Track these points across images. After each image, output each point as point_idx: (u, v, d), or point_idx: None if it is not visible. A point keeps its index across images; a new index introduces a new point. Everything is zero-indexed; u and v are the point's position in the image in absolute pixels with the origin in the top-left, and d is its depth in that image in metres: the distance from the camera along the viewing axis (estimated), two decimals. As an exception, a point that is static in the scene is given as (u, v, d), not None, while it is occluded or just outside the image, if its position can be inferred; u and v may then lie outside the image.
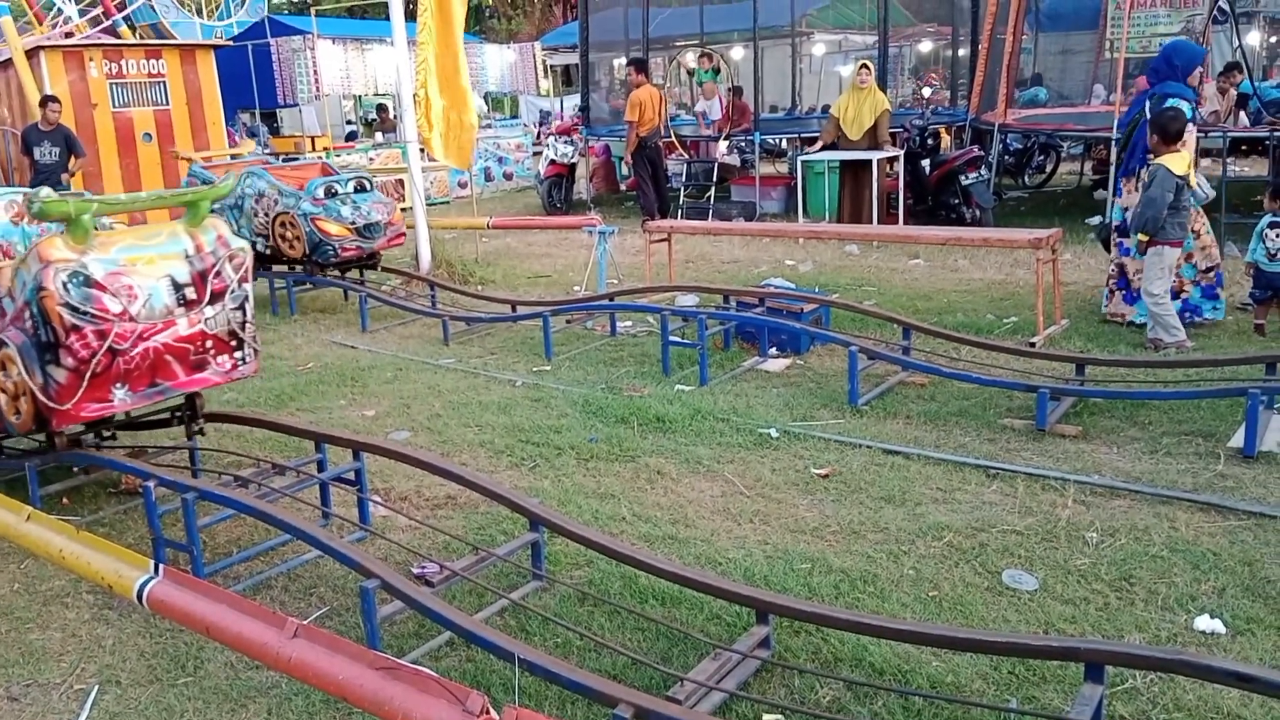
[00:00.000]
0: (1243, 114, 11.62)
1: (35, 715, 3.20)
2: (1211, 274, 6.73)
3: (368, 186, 8.58)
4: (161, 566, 2.97)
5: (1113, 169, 7.72)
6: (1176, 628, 3.31)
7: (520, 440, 5.32)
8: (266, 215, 8.51)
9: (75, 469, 4.78)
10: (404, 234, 8.90)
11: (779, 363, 6.54)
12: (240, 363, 4.37)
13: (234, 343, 4.32)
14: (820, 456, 4.93)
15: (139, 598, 2.93)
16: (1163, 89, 6.55)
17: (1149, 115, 6.49)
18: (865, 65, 11.07)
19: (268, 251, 8.74)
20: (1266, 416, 4.79)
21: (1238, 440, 4.67)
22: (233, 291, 4.23)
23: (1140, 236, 6.22)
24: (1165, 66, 6.66)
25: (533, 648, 3.04)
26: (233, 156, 13.46)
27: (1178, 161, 6.16)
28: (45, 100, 11.25)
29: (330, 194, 8.29)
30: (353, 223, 8.25)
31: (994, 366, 5.82)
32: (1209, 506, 4.14)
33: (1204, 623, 3.30)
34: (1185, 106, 6.43)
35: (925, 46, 19.80)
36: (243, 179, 8.51)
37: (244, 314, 4.32)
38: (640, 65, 12.78)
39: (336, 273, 8.93)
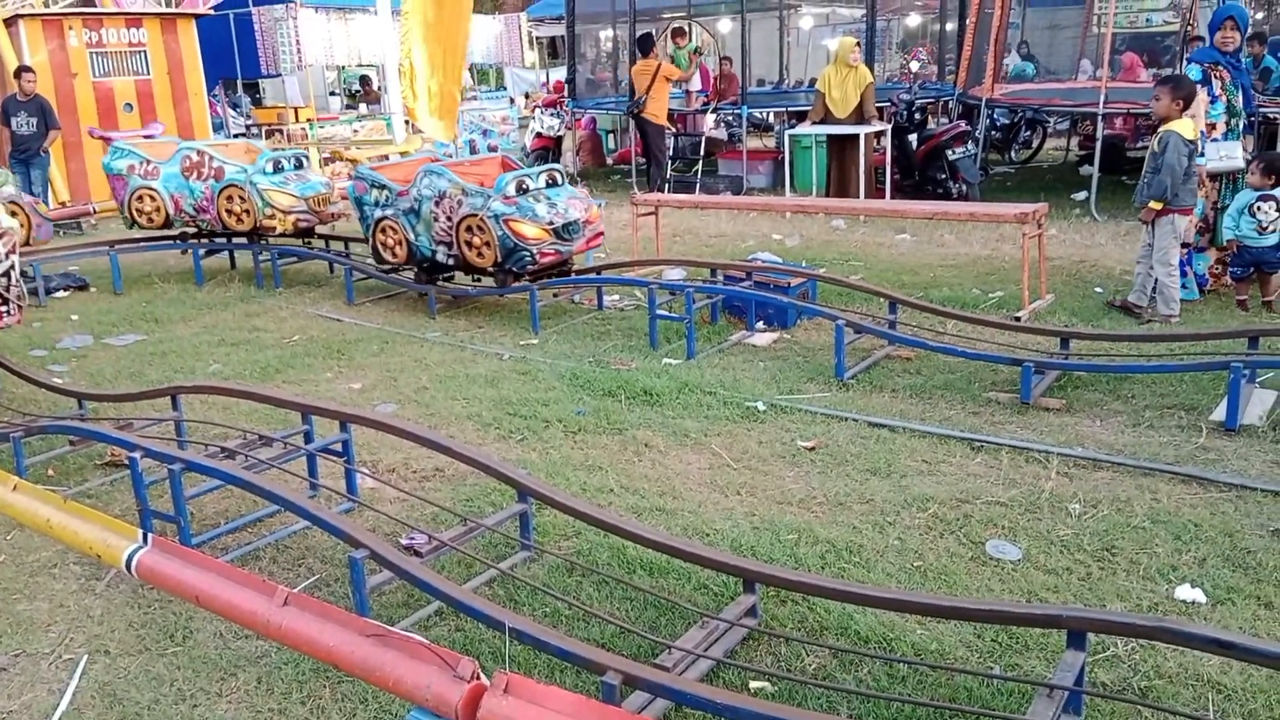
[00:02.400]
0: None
1: (24, 685, 3.21)
2: (1185, 250, 6.78)
3: (559, 180, 7.40)
4: (150, 536, 2.97)
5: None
6: (1158, 597, 3.35)
7: (508, 413, 5.33)
8: (449, 219, 7.21)
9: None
10: (603, 233, 7.62)
11: (766, 336, 6.56)
12: (6, 314, 5.30)
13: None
14: (807, 429, 4.96)
15: (128, 567, 2.93)
16: (1192, 55, 6.76)
17: None
18: (858, 43, 11.02)
19: (450, 261, 7.49)
20: (1248, 390, 4.84)
21: (1219, 413, 4.72)
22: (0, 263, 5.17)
23: (1153, 205, 6.26)
24: (1207, 32, 6.86)
25: (522, 616, 3.06)
26: (402, 154, 12.01)
27: (1187, 127, 6.21)
28: (19, 71, 11.11)
29: (521, 189, 7.03)
30: (550, 223, 6.95)
31: (979, 340, 5.86)
32: (1190, 478, 4.18)
33: (1185, 592, 3.35)
34: (1194, 70, 6.64)
35: (913, 20, 19.73)
36: (420, 179, 7.37)
37: (9, 279, 5.22)
38: (641, 43, 12.73)
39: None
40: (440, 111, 9.92)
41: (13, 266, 5.20)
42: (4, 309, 5.19)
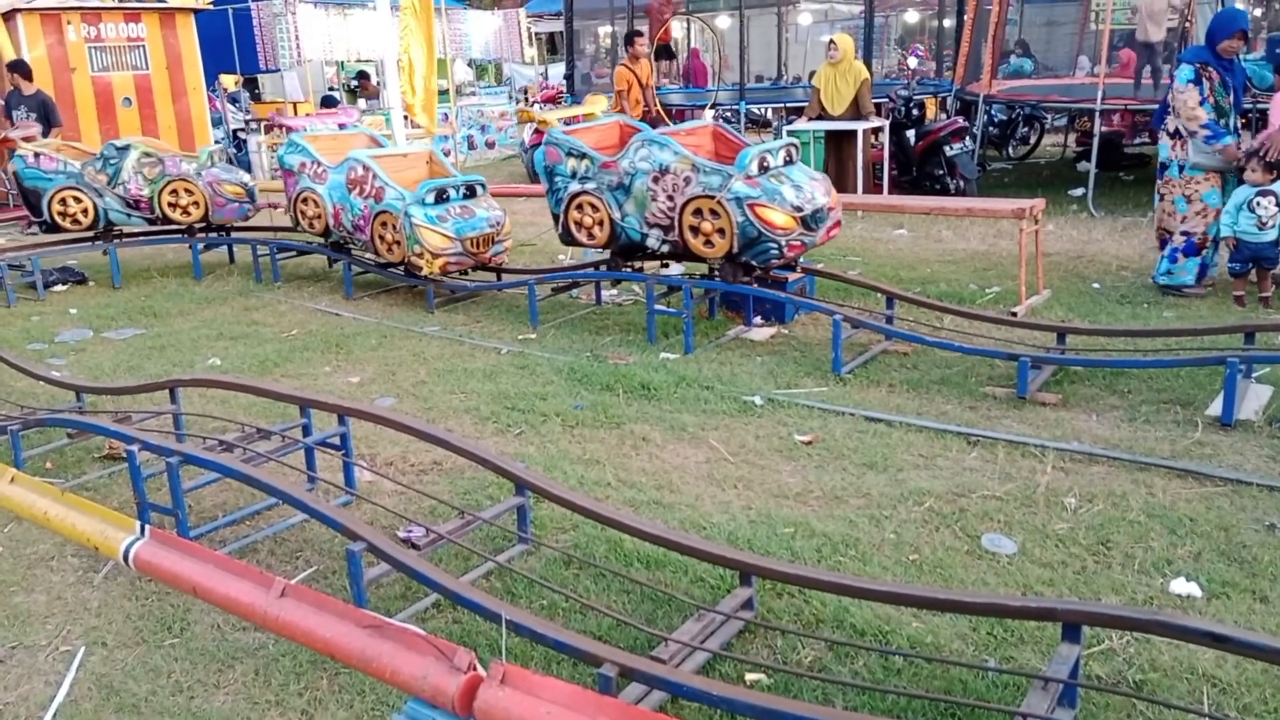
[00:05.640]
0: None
1: (21, 677, 3.21)
2: (1184, 239, 6.84)
3: (794, 157, 6.36)
4: (147, 528, 2.98)
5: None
6: (1153, 591, 3.36)
7: (506, 407, 5.34)
8: (671, 199, 6.19)
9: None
10: (841, 222, 6.51)
11: (764, 331, 6.56)
12: None
13: None
14: (804, 423, 4.96)
15: (125, 559, 2.94)
16: (1184, 53, 6.81)
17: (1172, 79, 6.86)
18: (833, 41, 10.98)
19: (662, 247, 6.43)
20: (1244, 385, 4.85)
21: (1215, 408, 4.73)
22: None
23: None
24: (1207, 34, 6.90)
25: (519, 609, 3.07)
26: (585, 117, 10.41)
27: None
28: (11, 67, 11.07)
29: (763, 168, 6.00)
30: (799, 209, 5.90)
31: (976, 335, 5.86)
32: (1186, 473, 4.19)
33: (1180, 586, 3.36)
34: (1186, 70, 6.71)
35: (912, 16, 19.75)
36: (635, 149, 6.34)
37: None
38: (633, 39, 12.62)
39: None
40: (424, 105, 10.01)
41: None
42: None
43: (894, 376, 5.60)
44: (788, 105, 14.01)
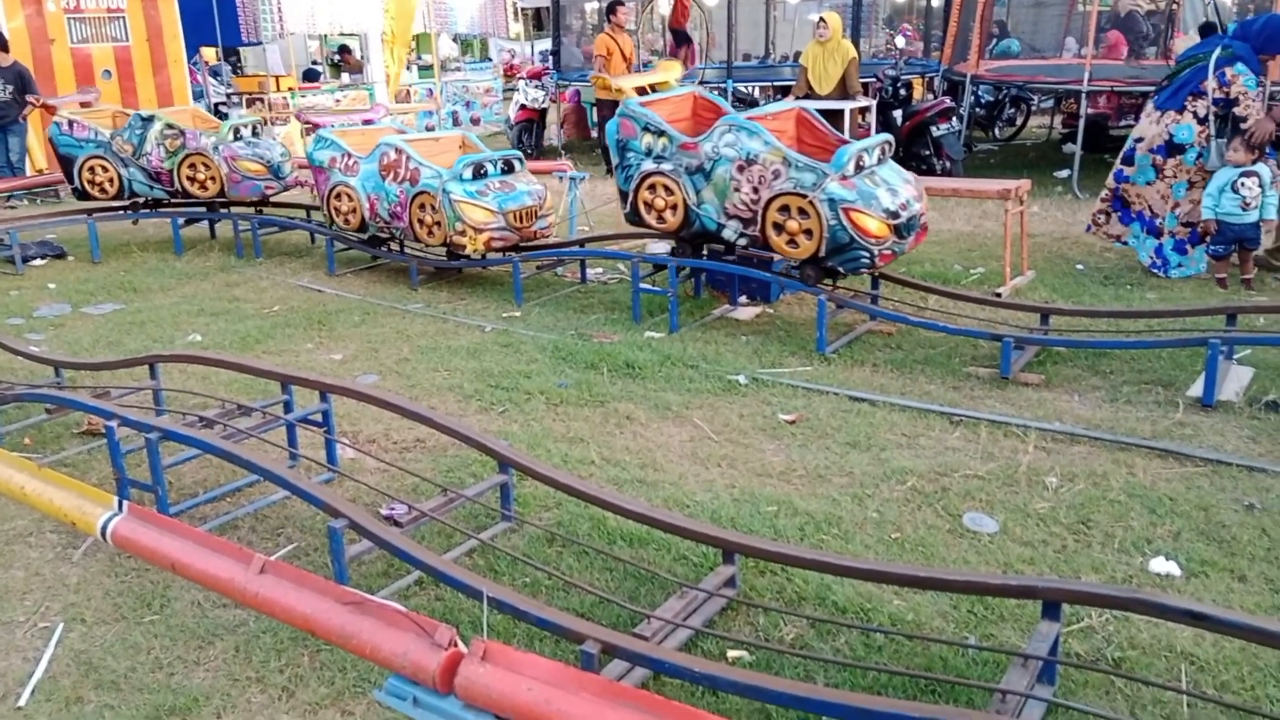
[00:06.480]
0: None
1: (-1, 652, 3.20)
2: (1188, 230, 6.82)
3: (887, 154, 5.93)
4: (126, 503, 2.95)
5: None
6: (1132, 569, 3.38)
7: (489, 385, 5.32)
8: (756, 192, 5.76)
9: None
10: (928, 227, 6.04)
11: (749, 311, 6.55)
12: None
13: None
14: (788, 403, 4.97)
15: (103, 535, 2.91)
16: (1235, 45, 6.67)
17: (1214, 64, 6.60)
18: (822, 19, 10.91)
19: (740, 240, 6.02)
20: (1225, 367, 4.88)
21: (1197, 389, 4.75)
22: None
23: None
24: (1256, 30, 6.73)
25: (501, 586, 3.07)
26: (651, 88, 9.69)
27: None
28: None
29: (858, 167, 5.55)
30: (894, 215, 5.46)
31: (960, 315, 5.87)
32: (1167, 453, 4.22)
33: (1159, 565, 3.38)
34: (1251, 79, 6.57)
35: (899, -4, 19.65)
36: (720, 134, 5.89)
37: None
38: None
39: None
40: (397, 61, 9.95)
41: None
42: None
43: (878, 356, 5.60)
44: (775, 84, 13.93)
